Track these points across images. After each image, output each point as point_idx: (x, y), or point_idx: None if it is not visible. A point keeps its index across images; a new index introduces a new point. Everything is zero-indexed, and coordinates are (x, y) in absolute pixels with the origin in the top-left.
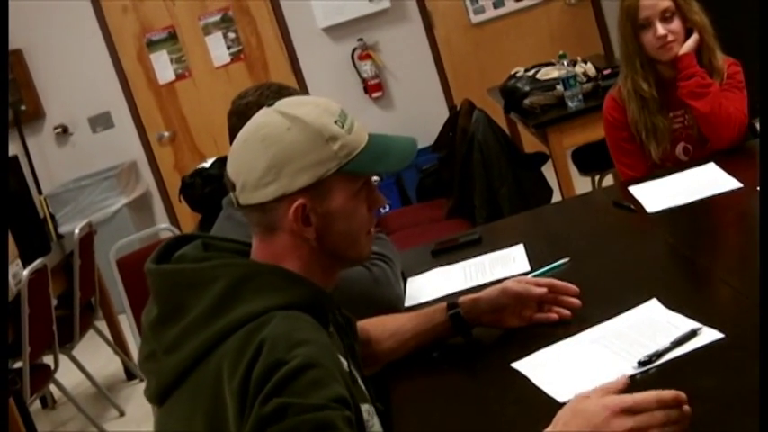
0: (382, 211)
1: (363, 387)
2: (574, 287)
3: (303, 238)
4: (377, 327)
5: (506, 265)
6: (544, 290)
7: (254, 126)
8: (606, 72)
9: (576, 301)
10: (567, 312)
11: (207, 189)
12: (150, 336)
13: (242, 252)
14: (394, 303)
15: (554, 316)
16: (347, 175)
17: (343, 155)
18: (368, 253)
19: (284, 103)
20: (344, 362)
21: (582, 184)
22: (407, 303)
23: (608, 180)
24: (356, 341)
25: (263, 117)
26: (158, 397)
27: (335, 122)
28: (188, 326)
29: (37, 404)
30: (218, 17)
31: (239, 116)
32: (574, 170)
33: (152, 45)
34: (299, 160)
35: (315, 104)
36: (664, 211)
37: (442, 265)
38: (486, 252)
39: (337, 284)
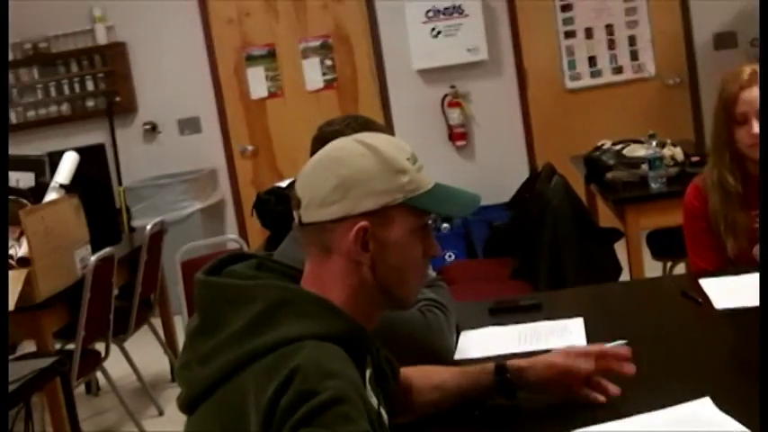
0: (447, 259)
1: None
2: (626, 350)
3: (357, 264)
4: (420, 377)
5: (562, 336)
6: (592, 367)
7: (329, 148)
8: (694, 159)
9: (629, 367)
10: (615, 390)
11: (280, 208)
12: (188, 345)
13: (293, 277)
14: (443, 354)
15: (601, 398)
16: (410, 209)
17: (409, 189)
18: (414, 298)
19: (361, 135)
20: (375, 402)
21: (652, 268)
22: (456, 356)
23: (680, 269)
24: (396, 386)
25: (338, 143)
26: (187, 406)
27: (407, 159)
28: (223, 341)
29: (81, 388)
30: (317, 43)
31: (324, 143)
32: (647, 252)
33: (250, 60)
34: (368, 185)
35: (389, 140)
36: (731, 310)
37: (498, 324)
38: (544, 319)
39: (389, 324)
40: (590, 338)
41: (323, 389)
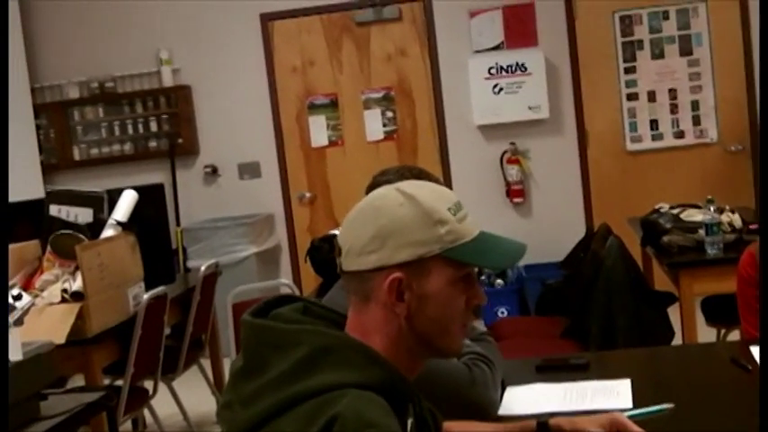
0: (499, 315)
1: None
2: None
3: (394, 314)
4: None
5: (608, 396)
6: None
7: (370, 197)
8: (752, 227)
9: None
10: None
11: (333, 255)
12: (232, 385)
13: (338, 323)
14: (487, 408)
15: None
16: (449, 261)
17: (448, 240)
18: (458, 347)
19: (405, 183)
20: None
21: (706, 334)
22: (501, 412)
23: (734, 336)
24: None
25: (381, 191)
26: None
27: (448, 209)
28: (265, 384)
29: (128, 425)
30: (380, 94)
31: None
32: (700, 318)
33: (312, 108)
34: (404, 236)
35: (433, 189)
36: None
37: (544, 381)
38: (591, 379)
39: (434, 376)
40: (636, 401)
41: None
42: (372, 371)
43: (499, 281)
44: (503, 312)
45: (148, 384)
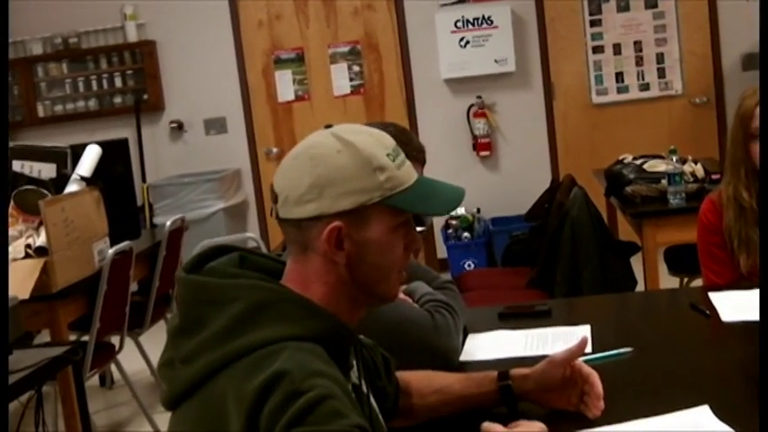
0: (466, 267)
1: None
2: (600, 392)
3: (333, 263)
4: (422, 380)
5: (569, 342)
6: (589, 371)
7: (306, 144)
8: (715, 176)
9: (599, 405)
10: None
11: None
12: (170, 343)
13: (277, 271)
14: (449, 355)
15: (597, 413)
16: (389, 208)
17: (387, 187)
18: (396, 292)
19: (341, 128)
20: (365, 389)
21: (669, 283)
22: (462, 358)
23: (696, 284)
24: (389, 384)
25: (317, 137)
26: (169, 404)
27: (387, 155)
28: (203, 342)
29: (95, 381)
30: (346, 48)
31: None
32: (663, 267)
33: (279, 63)
34: (343, 184)
35: (370, 134)
36: (738, 323)
37: (506, 328)
38: (552, 325)
39: (397, 323)
40: (596, 345)
41: (309, 387)
42: (311, 323)
43: (466, 234)
44: (470, 265)
45: (115, 340)
